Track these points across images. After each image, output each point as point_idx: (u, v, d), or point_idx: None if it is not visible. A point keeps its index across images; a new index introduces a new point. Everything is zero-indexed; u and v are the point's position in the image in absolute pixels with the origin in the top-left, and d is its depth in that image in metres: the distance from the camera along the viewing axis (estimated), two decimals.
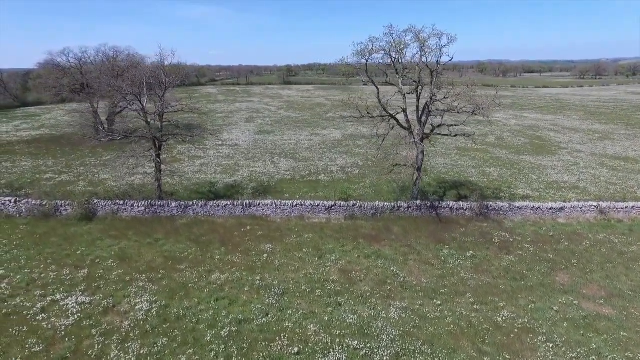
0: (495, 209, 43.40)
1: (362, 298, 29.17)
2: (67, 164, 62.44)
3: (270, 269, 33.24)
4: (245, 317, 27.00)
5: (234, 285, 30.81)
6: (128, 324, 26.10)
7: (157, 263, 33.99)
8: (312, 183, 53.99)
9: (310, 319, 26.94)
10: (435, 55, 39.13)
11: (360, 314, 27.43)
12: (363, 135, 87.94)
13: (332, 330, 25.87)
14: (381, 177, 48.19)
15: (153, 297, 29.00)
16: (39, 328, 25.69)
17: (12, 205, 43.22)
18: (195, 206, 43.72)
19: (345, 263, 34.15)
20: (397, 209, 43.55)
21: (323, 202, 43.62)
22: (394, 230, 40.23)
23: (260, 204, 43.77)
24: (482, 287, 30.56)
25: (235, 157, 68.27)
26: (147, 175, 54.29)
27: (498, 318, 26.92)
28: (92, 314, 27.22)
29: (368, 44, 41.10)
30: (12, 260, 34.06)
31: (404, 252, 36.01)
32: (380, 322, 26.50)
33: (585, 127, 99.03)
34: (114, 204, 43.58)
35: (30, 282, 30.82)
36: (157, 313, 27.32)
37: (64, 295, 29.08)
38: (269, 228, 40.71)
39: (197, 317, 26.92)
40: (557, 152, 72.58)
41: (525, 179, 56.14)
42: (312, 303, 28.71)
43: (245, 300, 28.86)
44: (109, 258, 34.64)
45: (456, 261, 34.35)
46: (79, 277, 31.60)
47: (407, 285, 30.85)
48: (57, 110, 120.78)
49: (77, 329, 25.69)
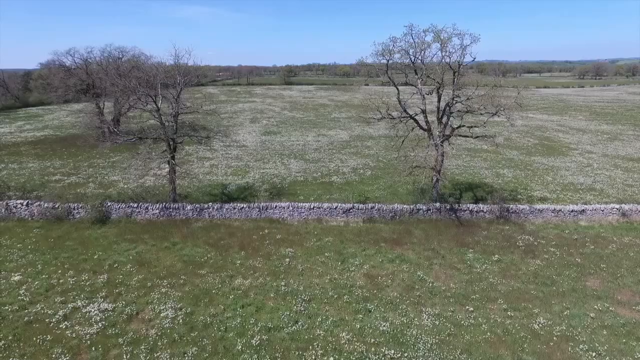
0: (516, 211, 42.72)
1: (391, 304, 28.43)
2: (74, 166, 61.66)
3: (294, 274, 32.48)
4: (274, 324, 26.24)
5: (258, 291, 30.03)
6: (155, 332, 25.30)
7: (177, 268, 33.19)
8: (325, 185, 53.27)
9: (341, 327, 26.20)
10: (458, 55, 38.33)
11: (392, 321, 26.70)
12: (370, 136, 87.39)
13: (365, 338, 25.13)
14: (400, 178, 47.30)
15: (177, 304, 28.20)
16: (63, 337, 24.87)
17: (24, 208, 42.40)
18: (210, 209, 42.94)
19: (370, 268, 33.42)
20: (416, 211, 42.86)
21: (341, 205, 42.89)
22: (415, 234, 39.53)
23: (277, 207, 43.00)
24: (513, 293, 29.86)
25: (245, 158, 67.55)
26: (157, 177, 53.44)
27: (534, 325, 26.20)
28: (116, 321, 26.41)
29: (389, 44, 40.22)
30: (29, 265, 33.24)
31: (427, 256, 35.29)
32: (414, 330, 25.76)
33: (592, 127, 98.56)
34: (127, 207, 42.78)
35: (49, 288, 30.00)
36: (184, 320, 26.54)
37: (85, 302, 28.27)
38: (287, 231, 39.95)
39: (225, 325, 26.15)
40: (568, 153, 72.02)
41: (541, 180, 55.54)
42: (341, 310, 27.96)
43: (272, 307, 28.09)
44: (127, 263, 33.82)
45: (482, 265, 33.63)
46: (98, 282, 30.76)
47: (435, 291, 30.12)
48: (59, 111, 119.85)
49: (102, 337, 24.88)
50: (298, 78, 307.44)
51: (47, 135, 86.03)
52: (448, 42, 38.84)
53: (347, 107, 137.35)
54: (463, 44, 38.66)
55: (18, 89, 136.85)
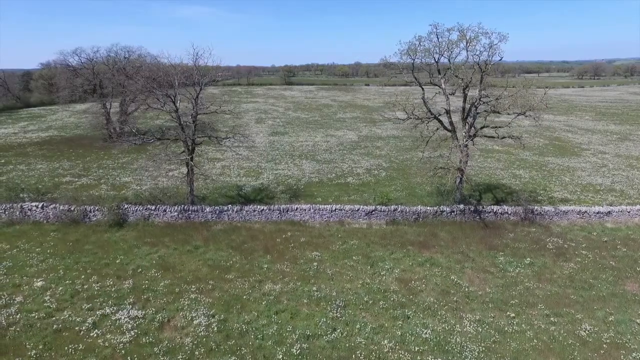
0: (541, 213, 42.05)
1: (429, 310, 27.66)
2: (84, 167, 60.56)
3: (324, 278, 31.66)
4: (312, 332, 25.41)
5: (290, 296, 29.19)
6: (190, 341, 24.43)
7: (202, 273, 32.31)
8: (341, 186, 52.42)
9: (382, 334, 25.40)
10: (487, 54, 37.56)
11: (433, 327, 25.91)
12: (379, 136, 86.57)
13: (408, 346, 24.34)
14: (420, 180, 46.57)
15: (209, 311, 27.35)
16: (96, 346, 23.96)
17: (39, 210, 41.41)
18: (230, 211, 42.06)
19: (401, 272, 32.64)
20: (439, 213, 42.10)
21: (363, 207, 42.09)
22: (441, 236, 38.79)
23: (298, 209, 42.16)
24: (552, 297, 29.14)
25: (255, 159, 66.61)
26: (169, 178, 52.63)
27: (581, 332, 25.48)
28: (148, 329, 25.51)
29: (414, 43, 39.40)
30: (50, 270, 32.29)
31: (457, 260, 34.54)
32: (457, 337, 24.97)
33: (600, 127, 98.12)
34: (145, 209, 41.85)
35: (74, 294, 29.07)
36: (218, 328, 25.70)
37: (114, 309, 27.35)
38: (310, 234, 39.12)
39: (262, 333, 25.29)
40: (581, 154, 71.46)
41: (559, 181, 54.88)
42: (378, 316, 27.17)
43: (307, 314, 27.25)
44: (151, 267, 32.92)
45: (515, 269, 32.91)
46: (124, 288, 29.85)
47: (472, 296, 29.37)
48: (61, 112, 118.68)
49: (136, 346, 23.97)
50: (298, 78, 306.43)
51: (53, 135, 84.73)
52: (474, 41, 37.97)
53: (351, 107, 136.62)
54: (491, 43, 37.72)
55: (19, 89, 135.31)
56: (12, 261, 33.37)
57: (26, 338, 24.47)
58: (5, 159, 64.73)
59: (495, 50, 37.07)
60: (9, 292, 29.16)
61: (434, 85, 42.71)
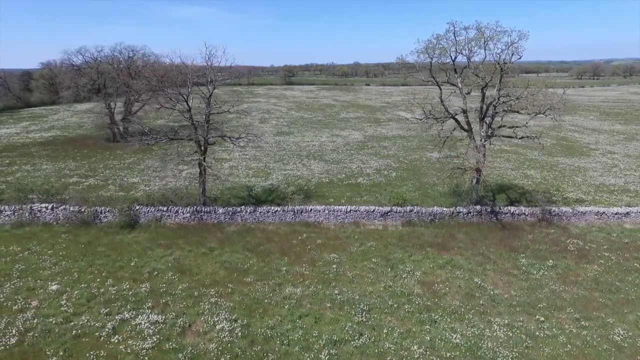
0: (558, 214, 41.50)
1: (456, 314, 27.04)
2: (90, 167, 59.75)
3: (344, 281, 31.01)
4: (339, 337, 24.77)
5: (312, 300, 28.53)
6: (215, 347, 23.74)
7: (220, 275, 31.63)
8: (352, 186, 51.76)
9: (410, 339, 24.76)
10: (508, 53, 36.94)
11: (463, 332, 25.27)
12: (385, 136, 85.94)
13: (439, 351, 23.70)
14: (433, 180, 45.98)
15: (230, 315, 26.67)
16: (118, 352, 23.25)
17: (49, 212, 40.65)
18: (243, 212, 41.37)
19: (422, 274, 32.01)
20: (456, 214, 41.50)
21: (378, 208, 41.45)
22: (459, 238, 38.18)
23: (312, 210, 41.50)
24: (580, 301, 28.56)
25: (263, 159, 65.92)
26: (177, 179, 52.04)
27: (614, 337, 24.91)
28: (170, 335, 24.81)
29: (432, 41, 38.73)
30: (64, 272, 31.55)
31: (478, 262, 33.93)
32: (488, 342, 24.36)
33: (606, 127, 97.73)
34: (157, 210, 41.14)
35: (90, 298, 28.35)
36: (242, 333, 24.99)
37: (133, 314, 26.64)
38: (326, 236, 38.47)
39: (287, 338, 24.63)
40: (590, 154, 71.00)
41: (571, 181, 54.34)
42: (404, 320, 26.53)
43: (332, 318, 26.59)
44: (167, 270, 32.22)
45: (539, 271, 32.32)
46: (141, 292, 29.14)
47: (497, 299, 28.75)
48: (62, 112, 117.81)
49: (159, 352, 23.28)
50: (298, 78, 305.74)
51: (56, 135, 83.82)
52: (494, 39, 37.35)
53: (353, 107, 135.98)
54: (510, 41, 37.12)
55: (20, 89, 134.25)
56: (25, 264, 32.61)
57: (45, 344, 23.75)
58: (10, 159, 63.88)
59: (517, 48, 36.32)
60: (24, 296, 28.41)
61: (451, 84, 42.00)
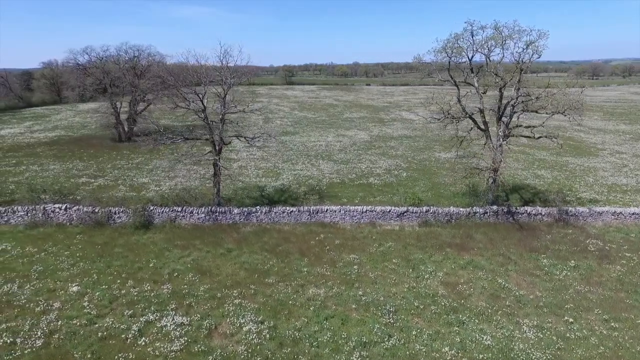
0: (575, 214, 41.34)
1: (483, 315, 26.81)
2: (98, 167, 59.36)
3: (367, 282, 30.75)
4: (368, 339, 24.50)
5: (337, 301, 28.27)
6: (244, 349, 23.46)
7: (240, 276, 31.33)
8: (364, 187, 51.53)
9: (440, 340, 24.51)
10: (527, 52, 36.76)
11: (492, 334, 25.05)
12: (391, 136, 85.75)
13: (470, 353, 23.45)
14: (453, 180, 45.76)
15: (256, 317, 26.39)
16: (146, 355, 22.94)
17: (62, 212, 40.28)
18: (258, 213, 41.06)
19: (444, 275, 31.78)
20: (472, 214, 41.29)
21: (394, 208, 41.20)
22: (477, 238, 37.98)
23: (328, 210, 41.23)
24: (606, 302, 28.38)
25: (271, 159, 65.64)
26: (188, 179, 51.95)
27: None
28: (197, 337, 24.51)
29: (451, 40, 38.49)
30: (83, 274, 31.20)
31: (499, 262, 33.72)
32: (519, 344, 24.14)
33: (611, 127, 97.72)
34: (171, 211, 40.80)
35: (112, 300, 28.02)
36: (270, 335, 24.67)
37: (157, 316, 26.34)
38: (343, 236, 38.21)
39: (316, 340, 24.36)
40: (598, 154, 70.95)
41: (583, 181, 54.24)
42: (432, 321, 26.28)
43: (359, 320, 26.32)
44: (187, 271, 31.91)
45: (561, 272, 32.13)
46: (163, 293, 28.82)
47: (523, 300, 28.55)
48: (65, 111, 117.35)
49: (188, 355, 22.98)
50: (298, 78, 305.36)
51: (60, 135, 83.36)
52: (513, 39, 37.14)
53: (356, 107, 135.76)
54: (529, 41, 36.92)
55: (21, 89, 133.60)
56: (43, 265, 32.27)
57: (72, 346, 23.42)
58: (17, 159, 63.48)
59: (537, 47, 36.12)
60: (45, 297, 28.08)
61: (467, 84, 41.79)
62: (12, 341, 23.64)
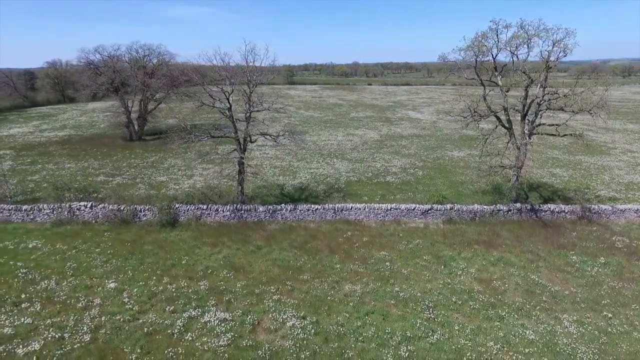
0: (598, 212, 41.64)
1: (522, 311, 27.03)
2: (114, 166, 59.42)
3: (401, 279, 30.94)
4: (412, 334, 24.64)
5: (374, 297, 28.44)
6: (292, 344, 23.58)
7: (274, 273, 31.46)
8: (383, 185, 51.75)
9: (483, 335, 24.71)
10: (555, 51, 37.01)
11: (534, 329, 25.24)
12: (401, 135, 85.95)
13: (515, 347, 23.66)
14: (478, 177, 46.06)
15: (297, 312, 26.53)
16: (195, 349, 23.05)
17: (88, 210, 40.31)
18: (283, 210, 41.20)
19: (477, 272, 32.00)
20: (496, 212, 41.51)
21: (419, 206, 41.41)
22: (503, 235, 38.23)
23: (353, 208, 41.40)
24: None
25: (285, 158, 65.81)
26: (204, 177, 52.31)
27: None
28: (242, 332, 24.66)
29: (478, 39, 38.70)
30: (117, 271, 31.30)
31: (529, 259, 33.97)
32: (563, 339, 24.36)
33: (619, 126, 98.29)
34: (196, 209, 40.91)
35: (151, 296, 28.12)
36: (315, 330, 24.79)
37: (199, 311, 26.45)
38: (369, 234, 38.39)
39: (360, 335, 24.53)
40: (609, 152, 71.36)
41: (600, 180, 54.59)
42: (472, 317, 26.47)
43: (399, 315, 26.50)
44: (220, 268, 32.04)
45: (592, 268, 32.40)
46: (201, 290, 28.95)
47: (559, 296, 28.79)
48: (71, 111, 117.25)
49: (236, 350, 23.12)
50: (299, 78, 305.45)
51: (70, 135, 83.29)
52: (541, 37, 37.40)
53: (361, 106, 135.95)
54: (556, 40, 37.18)
55: (26, 89, 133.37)
56: (76, 262, 32.35)
57: (120, 341, 23.51)
58: (31, 158, 63.50)
59: (565, 46, 36.39)
60: (84, 293, 28.18)
61: (491, 82, 42.03)
62: (60, 336, 23.70)
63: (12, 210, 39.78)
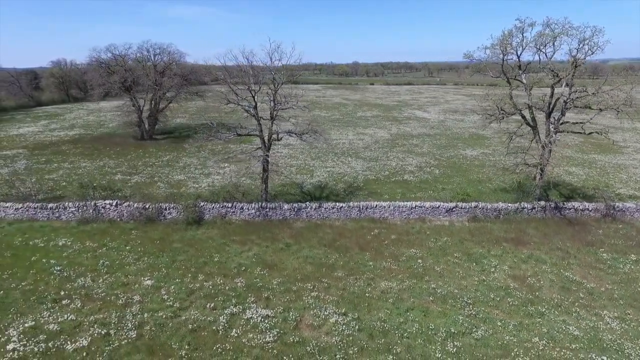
0: (622, 209, 41.80)
1: (561, 307, 27.12)
2: (129, 165, 59.38)
3: (434, 276, 30.99)
4: (456, 330, 24.67)
5: (412, 294, 28.49)
6: (338, 340, 23.58)
7: (308, 271, 31.47)
8: (401, 183, 51.84)
9: (527, 331, 24.79)
10: (584, 50, 37.15)
11: (576, 325, 25.33)
12: (410, 134, 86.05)
13: (561, 343, 23.74)
14: (498, 177, 46.18)
15: (338, 309, 26.54)
16: (243, 345, 23.06)
17: (113, 208, 40.26)
18: (308, 208, 41.22)
19: (509, 269, 32.08)
20: (520, 210, 41.60)
21: (443, 204, 41.49)
22: (530, 233, 38.33)
23: (377, 206, 41.46)
24: None
25: (299, 156, 65.87)
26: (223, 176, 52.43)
27: None
28: (286, 328, 24.68)
29: (505, 38, 38.79)
30: (151, 268, 31.28)
31: (559, 256, 34.07)
32: (607, 334, 24.43)
33: (627, 125, 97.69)
34: (221, 207, 40.88)
35: (189, 293, 28.11)
36: (359, 327, 24.83)
37: (240, 308, 26.45)
38: (396, 232, 38.44)
39: (405, 331, 24.56)
40: (622, 151, 71.70)
41: (617, 178, 54.77)
42: (512, 313, 26.53)
43: (440, 311, 26.54)
44: (253, 265, 32.03)
45: (625, 266, 32.56)
46: (238, 287, 28.95)
47: (595, 293, 28.90)
48: (77, 110, 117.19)
49: (284, 346, 23.14)
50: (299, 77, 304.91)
51: (80, 134, 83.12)
52: (568, 35, 37.52)
53: (367, 106, 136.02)
54: (582, 37, 37.31)
55: (31, 88, 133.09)
56: (108, 260, 32.32)
57: (166, 338, 23.48)
58: (45, 157, 63.42)
59: (595, 44, 36.52)
60: (122, 290, 28.13)
61: (515, 80, 42.15)
62: (106, 332, 23.66)
63: (38, 209, 39.70)
